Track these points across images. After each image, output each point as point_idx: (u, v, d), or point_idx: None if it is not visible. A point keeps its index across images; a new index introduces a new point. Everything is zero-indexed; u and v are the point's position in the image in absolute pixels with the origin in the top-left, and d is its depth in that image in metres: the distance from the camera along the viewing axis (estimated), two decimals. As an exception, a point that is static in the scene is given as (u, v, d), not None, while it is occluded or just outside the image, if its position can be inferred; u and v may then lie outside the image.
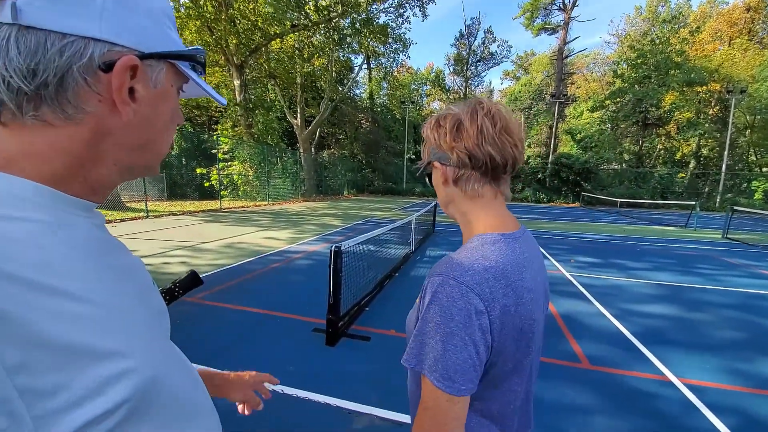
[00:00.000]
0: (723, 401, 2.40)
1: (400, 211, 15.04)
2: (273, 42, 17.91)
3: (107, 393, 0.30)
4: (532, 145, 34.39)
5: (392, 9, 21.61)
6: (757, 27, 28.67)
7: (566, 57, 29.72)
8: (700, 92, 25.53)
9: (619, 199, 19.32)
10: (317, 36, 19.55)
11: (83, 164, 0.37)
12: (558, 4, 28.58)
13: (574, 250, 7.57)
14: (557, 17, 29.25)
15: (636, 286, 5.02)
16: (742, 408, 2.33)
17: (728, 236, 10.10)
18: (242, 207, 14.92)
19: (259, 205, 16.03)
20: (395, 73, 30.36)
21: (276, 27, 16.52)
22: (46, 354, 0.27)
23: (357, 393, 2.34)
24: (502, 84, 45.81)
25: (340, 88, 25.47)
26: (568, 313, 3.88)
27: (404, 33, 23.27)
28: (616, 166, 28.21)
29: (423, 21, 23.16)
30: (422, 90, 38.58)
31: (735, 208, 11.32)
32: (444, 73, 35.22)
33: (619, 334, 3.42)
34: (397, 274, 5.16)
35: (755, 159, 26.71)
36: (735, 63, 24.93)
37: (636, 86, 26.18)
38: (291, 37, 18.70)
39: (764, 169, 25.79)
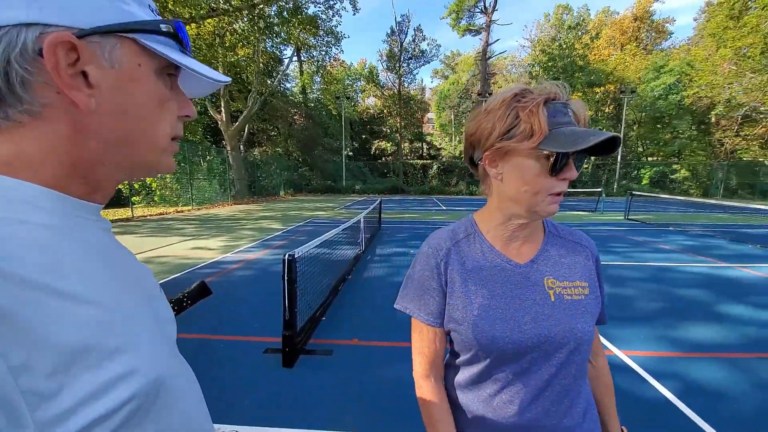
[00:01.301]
0: (663, 368, 2.64)
1: (342, 210, 14.72)
2: (188, 27, 16.05)
3: (110, 394, 0.31)
4: (462, 141, 36.43)
5: (322, 0, 20.97)
6: (643, 35, 33.95)
7: (489, 58, 31.84)
8: (598, 92, 29.44)
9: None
10: (240, 23, 18.08)
11: (76, 165, 0.36)
12: (480, 7, 30.48)
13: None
14: (480, 20, 31.19)
15: (570, 268, 5.48)
16: (679, 372, 2.59)
17: (629, 217, 11.78)
18: (160, 214, 13.21)
19: (182, 211, 14.37)
20: (328, 67, 29.61)
21: (190, 9, 14.82)
22: (50, 355, 0.27)
23: (328, 418, 2.08)
24: (432, 82, 47.57)
25: (269, 81, 23.98)
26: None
27: (336, 26, 22.79)
28: (534, 159, 31.28)
29: (354, 14, 22.89)
30: (357, 86, 38.38)
31: (633, 192, 13.22)
32: (377, 69, 35.45)
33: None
34: (350, 277, 4.91)
35: (642, 150, 31.69)
36: (626, 66, 29.25)
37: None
38: (210, 23, 16.99)
39: (650, 159, 30.70)
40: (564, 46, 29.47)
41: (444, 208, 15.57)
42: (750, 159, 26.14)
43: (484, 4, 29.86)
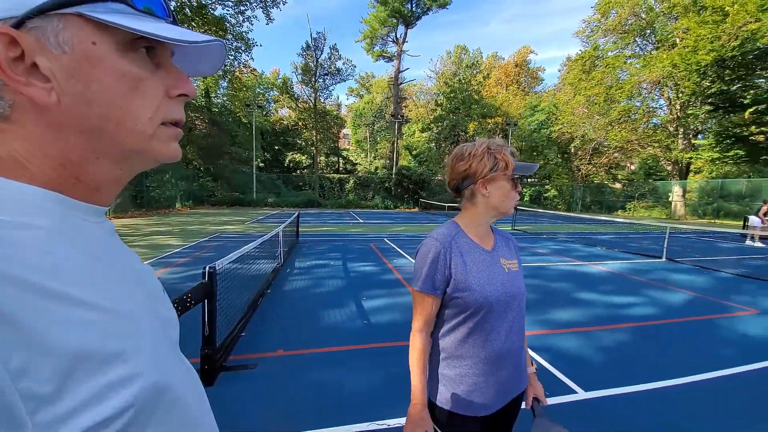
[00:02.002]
0: (539, 343, 3.28)
1: (254, 223, 13.87)
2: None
3: (111, 398, 0.30)
4: (378, 158, 38.08)
5: (231, 4, 20.01)
6: (522, 79, 40.87)
7: (401, 83, 34.33)
8: (490, 123, 34.21)
9: (447, 204, 23.62)
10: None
11: (64, 165, 0.35)
12: (392, 37, 32.82)
13: (423, 248, 8.82)
14: (392, 48, 33.55)
15: (472, 272, 6.30)
16: (550, 345, 3.26)
17: (515, 227, 13.91)
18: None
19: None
20: (237, 73, 28.01)
21: None
22: (50, 359, 0.27)
23: (258, 428, 2.05)
24: (348, 99, 48.81)
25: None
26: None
27: (247, 32, 21.93)
28: (441, 177, 34.34)
29: (268, 24, 22.38)
30: (269, 95, 37.03)
31: (517, 207, 15.63)
32: (291, 81, 34.88)
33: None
34: (269, 291, 4.77)
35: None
36: (510, 103, 34.75)
37: (451, 115, 32.78)
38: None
39: (529, 180, 36.54)
40: (463, 81, 33.55)
41: (361, 221, 15.98)
42: (599, 182, 33.43)
43: (396, 34, 32.25)
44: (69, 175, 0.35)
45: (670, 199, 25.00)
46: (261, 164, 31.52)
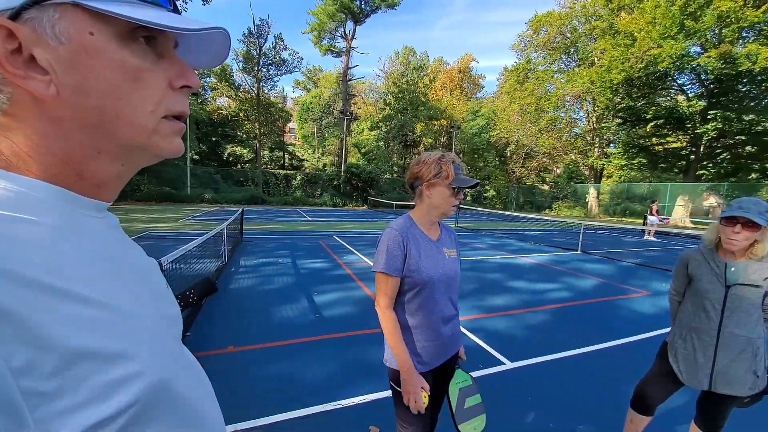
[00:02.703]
0: (475, 326, 3.67)
1: (190, 221, 12.93)
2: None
3: (113, 397, 0.29)
4: (326, 155, 37.57)
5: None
6: (465, 84, 43.01)
7: (349, 80, 34.26)
8: (436, 125, 35.66)
9: (395, 202, 24.20)
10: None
11: (65, 161, 0.34)
12: (340, 32, 32.54)
13: (373, 244, 9.03)
14: (340, 43, 33.28)
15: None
16: (485, 327, 3.66)
17: (458, 225, 14.82)
18: None
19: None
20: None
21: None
22: (52, 357, 0.26)
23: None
24: (294, 92, 47.29)
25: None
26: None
27: (181, 12, 20.18)
28: (389, 176, 35.02)
29: (204, 5, 20.82)
30: (205, 82, 34.41)
31: (461, 206, 16.60)
32: (232, 68, 32.76)
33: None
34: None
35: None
36: (454, 107, 36.46)
37: (399, 115, 33.56)
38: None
39: (470, 181, 38.92)
40: (411, 83, 34.55)
41: (309, 218, 15.75)
42: (530, 183, 36.75)
43: (344, 30, 32.03)
44: (71, 171, 0.35)
45: (587, 199, 28.42)
46: (196, 157, 29.21)
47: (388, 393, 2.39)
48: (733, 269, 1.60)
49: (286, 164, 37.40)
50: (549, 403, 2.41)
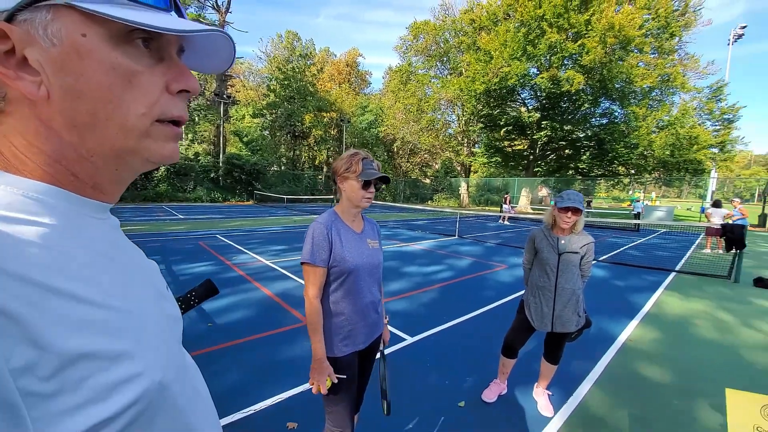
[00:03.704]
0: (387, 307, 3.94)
1: None
2: None
3: (113, 397, 0.30)
4: (198, 142, 33.12)
5: None
6: (352, 79, 43.65)
7: (226, 60, 30.76)
8: (326, 117, 35.43)
9: (285, 196, 23.19)
10: None
11: (59, 161, 0.34)
12: (212, 2, 28.83)
13: (266, 241, 8.55)
14: (212, 15, 29.46)
15: (317, 259, 6.67)
16: (386, 310, 3.96)
17: (352, 218, 15.25)
18: None
19: None
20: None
21: None
22: (53, 357, 0.26)
23: None
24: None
25: None
26: (281, 292, 4.57)
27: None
28: (276, 168, 33.28)
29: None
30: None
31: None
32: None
33: (319, 295, 4.55)
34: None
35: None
36: (344, 101, 36.77)
37: (286, 103, 32.06)
38: None
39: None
40: (297, 70, 33.34)
41: (181, 216, 13.75)
42: (415, 177, 40.22)
43: (216, 1, 28.59)
44: (65, 171, 0.34)
45: (459, 192, 32.81)
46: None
47: (302, 388, 2.41)
48: (563, 242, 2.19)
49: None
50: (444, 365, 2.83)
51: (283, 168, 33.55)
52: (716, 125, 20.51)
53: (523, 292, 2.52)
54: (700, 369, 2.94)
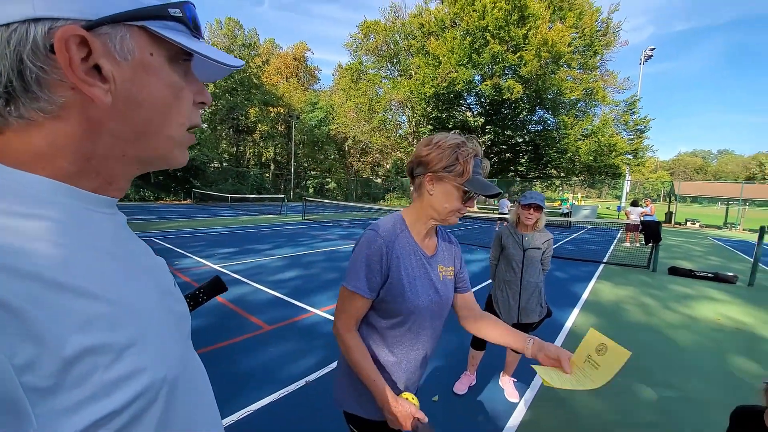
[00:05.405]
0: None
1: None
2: None
3: (117, 393, 0.30)
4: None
5: None
6: (301, 74, 42.24)
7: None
8: (272, 112, 33.95)
9: (230, 195, 21.77)
10: None
11: (89, 159, 0.35)
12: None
13: (211, 244, 7.93)
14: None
15: (272, 261, 6.34)
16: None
17: (306, 218, 14.78)
18: None
19: None
20: None
21: None
22: (56, 353, 0.26)
23: None
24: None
25: None
26: (236, 298, 4.27)
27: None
28: (218, 165, 31.13)
29: None
30: None
31: (307, 198, 16.61)
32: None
33: (277, 298, 4.33)
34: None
35: (306, 165, 39.92)
36: (292, 96, 35.49)
37: (227, 95, 30.12)
38: None
39: (312, 173, 39.16)
40: (240, 61, 31.46)
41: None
42: (366, 176, 40.23)
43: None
44: (91, 168, 0.36)
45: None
46: None
47: (266, 401, 2.26)
48: (527, 238, 2.33)
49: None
50: (412, 364, 2.84)
51: (225, 164, 31.48)
52: (630, 135, 23.48)
53: (482, 285, 2.64)
54: (635, 347, 3.33)
